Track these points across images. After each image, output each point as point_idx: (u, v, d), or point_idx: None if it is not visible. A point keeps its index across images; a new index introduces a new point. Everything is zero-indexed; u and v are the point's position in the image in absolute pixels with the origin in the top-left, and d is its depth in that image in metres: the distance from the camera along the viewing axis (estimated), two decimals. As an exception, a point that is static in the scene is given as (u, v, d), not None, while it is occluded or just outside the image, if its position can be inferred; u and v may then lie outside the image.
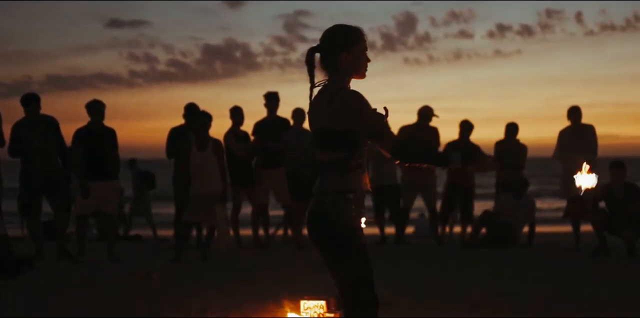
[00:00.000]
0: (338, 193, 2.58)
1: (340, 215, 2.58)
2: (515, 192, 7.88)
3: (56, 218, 6.84)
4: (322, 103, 2.59)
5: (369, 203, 13.39)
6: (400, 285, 5.30)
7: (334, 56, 2.60)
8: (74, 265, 6.32)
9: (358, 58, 2.64)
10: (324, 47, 2.62)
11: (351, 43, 2.62)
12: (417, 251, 7.55)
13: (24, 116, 6.65)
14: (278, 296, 4.51)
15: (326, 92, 2.60)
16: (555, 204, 24.37)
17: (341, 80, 2.63)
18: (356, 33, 2.65)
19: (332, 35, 2.63)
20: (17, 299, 4.75)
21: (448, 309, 4.45)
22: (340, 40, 2.61)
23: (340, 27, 2.65)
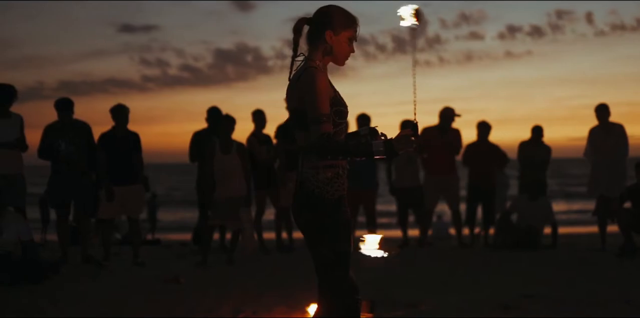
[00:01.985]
0: (318, 168, 2.55)
1: (322, 190, 2.55)
2: (531, 194, 7.80)
3: (81, 223, 6.86)
4: (294, 82, 2.58)
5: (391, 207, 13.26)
6: (426, 287, 5.27)
7: (319, 32, 2.57)
8: (98, 269, 6.33)
9: (342, 42, 2.60)
10: (315, 21, 2.60)
11: (341, 25, 2.59)
12: (441, 253, 7.50)
13: (56, 120, 6.69)
14: (305, 299, 4.49)
15: (299, 70, 2.58)
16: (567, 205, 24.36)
17: (318, 59, 2.59)
18: (350, 18, 2.61)
19: (326, 11, 2.60)
20: (43, 304, 4.76)
21: (478, 311, 4.41)
22: (332, 19, 2.58)
23: (337, 7, 2.62)
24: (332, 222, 2.56)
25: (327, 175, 2.55)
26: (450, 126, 7.97)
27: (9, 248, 5.77)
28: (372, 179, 7.98)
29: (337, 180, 2.58)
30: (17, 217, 6.10)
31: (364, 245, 2.74)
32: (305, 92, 2.50)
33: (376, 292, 4.80)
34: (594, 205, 7.71)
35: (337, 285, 2.59)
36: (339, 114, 2.57)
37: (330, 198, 2.55)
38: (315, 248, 2.58)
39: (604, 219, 7.57)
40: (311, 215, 2.56)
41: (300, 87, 2.52)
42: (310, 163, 2.55)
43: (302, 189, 2.58)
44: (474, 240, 8.13)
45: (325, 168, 2.55)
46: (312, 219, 2.57)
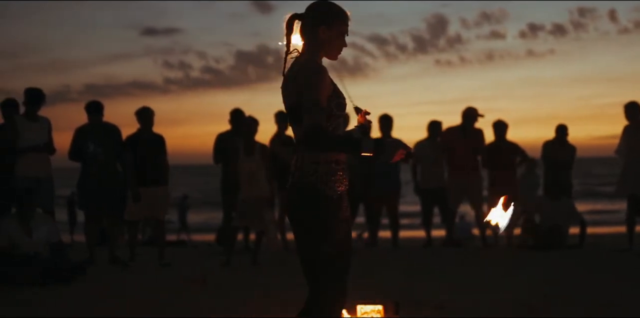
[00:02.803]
0: (319, 164, 2.52)
1: (324, 185, 2.52)
2: (553, 194, 7.73)
3: (109, 224, 6.95)
4: (291, 77, 2.57)
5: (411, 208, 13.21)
6: (451, 287, 5.26)
7: (313, 27, 2.59)
8: (123, 270, 6.41)
9: (335, 37, 2.61)
10: (307, 16, 2.61)
11: (334, 19, 2.60)
12: (465, 253, 7.47)
13: (87, 122, 6.77)
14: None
15: (296, 65, 2.59)
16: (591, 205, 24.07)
17: (313, 53, 2.60)
18: (342, 13, 2.63)
19: (319, 6, 2.62)
20: (69, 305, 4.83)
21: (503, 312, 4.39)
22: (325, 14, 2.60)
23: (329, 2, 2.64)
24: (333, 219, 2.54)
25: (328, 170, 2.53)
26: (473, 126, 7.94)
27: (38, 249, 5.87)
28: (396, 180, 7.98)
29: (338, 176, 2.56)
30: (46, 219, 6.21)
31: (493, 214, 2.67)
32: (302, 85, 2.50)
33: (401, 293, 4.81)
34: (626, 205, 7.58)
35: (332, 282, 2.54)
36: (339, 106, 2.57)
37: (331, 195, 2.53)
38: (312, 246, 2.53)
39: (632, 219, 7.48)
40: (311, 211, 2.52)
41: (298, 81, 2.51)
42: (311, 159, 2.52)
43: (301, 184, 2.53)
44: (498, 240, 8.09)
45: (326, 164, 2.53)
46: (312, 216, 2.52)
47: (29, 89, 6.74)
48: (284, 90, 2.62)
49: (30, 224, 5.97)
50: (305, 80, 2.50)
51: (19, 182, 6.42)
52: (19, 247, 5.84)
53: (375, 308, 4.11)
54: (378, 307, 4.12)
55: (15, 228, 5.91)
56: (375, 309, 4.12)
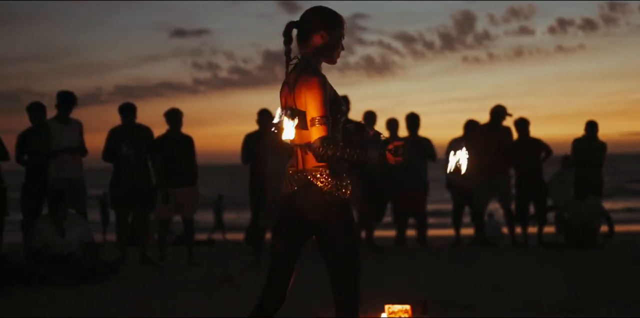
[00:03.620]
0: (319, 167, 2.56)
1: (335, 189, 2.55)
2: (579, 192, 7.64)
3: (139, 225, 7.06)
4: (291, 83, 2.60)
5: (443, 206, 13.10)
6: (480, 287, 5.24)
7: (312, 34, 2.62)
8: (153, 270, 6.50)
9: (334, 42, 2.65)
10: (305, 24, 2.63)
11: (332, 25, 2.64)
12: (494, 252, 7.42)
13: (120, 124, 6.89)
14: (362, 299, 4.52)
15: (296, 72, 2.61)
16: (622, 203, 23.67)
17: (313, 59, 2.63)
18: (338, 17, 2.67)
19: (315, 13, 2.64)
20: (101, 304, 4.92)
21: (533, 312, 4.35)
22: (322, 20, 2.63)
23: (324, 8, 2.67)
24: (345, 221, 2.58)
25: (334, 174, 2.56)
26: (501, 124, 7.89)
27: (71, 249, 5.99)
28: (423, 179, 7.96)
29: (346, 179, 2.60)
30: (79, 219, 6.33)
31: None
32: (306, 94, 2.53)
33: (429, 293, 4.80)
34: None
35: (353, 283, 2.61)
36: (339, 112, 2.63)
37: (341, 198, 2.57)
38: (327, 248, 2.59)
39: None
40: (323, 214, 2.56)
41: (301, 90, 2.55)
42: (317, 163, 2.55)
43: (311, 188, 2.56)
44: (524, 238, 8.03)
45: (331, 168, 2.57)
46: (324, 219, 2.56)
47: (61, 92, 6.87)
48: (285, 95, 2.65)
49: (63, 225, 6.09)
50: (308, 91, 2.54)
51: (51, 184, 6.55)
52: (52, 247, 5.96)
53: (403, 308, 4.12)
54: (406, 306, 4.13)
55: (48, 229, 6.04)
56: (403, 309, 4.12)
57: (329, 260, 2.61)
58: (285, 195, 2.65)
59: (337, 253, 2.58)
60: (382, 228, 9.68)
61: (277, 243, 2.69)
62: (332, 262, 2.60)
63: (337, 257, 2.58)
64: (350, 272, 2.60)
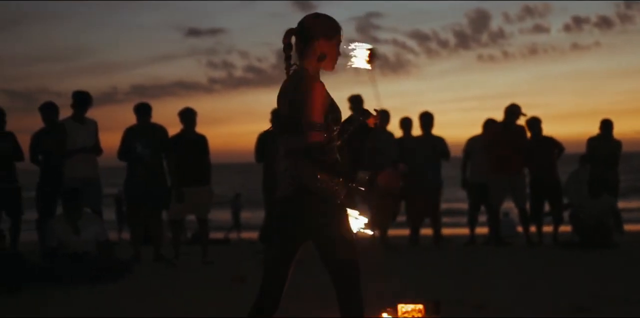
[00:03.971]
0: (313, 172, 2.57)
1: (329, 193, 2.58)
2: (592, 191, 7.57)
3: (153, 224, 7.10)
4: (289, 89, 2.62)
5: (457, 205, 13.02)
6: (494, 286, 5.22)
7: (311, 41, 2.64)
8: (167, 268, 6.54)
9: (333, 48, 2.68)
10: (305, 31, 2.66)
11: (332, 32, 2.67)
12: (508, 251, 7.38)
13: (135, 123, 6.92)
14: (370, 298, 4.51)
15: (295, 78, 2.63)
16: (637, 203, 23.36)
17: (311, 67, 2.66)
18: (336, 24, 2.70)
19: (316, 21, 2.67)
20: (116, 302, 4.95)
21: (548, 312, 4.33)
22: (323, 28, 2.66)
23: (323, 15, 2.70)
24: (341, 225, 2.62)
25: (329, 181, 2.58)
26: (515, 123, 7.85)
27: (87, 248, 6.04)
28: (437, 178, 7.94)
29: (340, 183, 2.60)
30: (94, 218, 6.38)
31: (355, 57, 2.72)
32: (302, 101, 2.55)
33: (443, 292, 4.79)
34: None
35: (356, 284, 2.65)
36: (335, 120, 2.64)
37: (335, 203, 2.60)
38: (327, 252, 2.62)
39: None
40: (318, 219, 2.59)
41: (297, 96, 2.57)
42: (311, 169, 2.57)
43: (305, 193, 2.58)
44: (538, 237, 7.97)
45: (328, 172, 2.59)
46: (320, 223, 2.59)
47: (77, 92, 6.93)
48: (281, 101, 2.67)
49: (78, 224, 6.14)
50: (305, 97, 2.56)
51: (67, 183, 6.61)
52: (67, 246, 6.01)
53: (416, 307, 4.11)
54: (419, 306, 4.12)
55: (63, 228, 6.09)
56: (417, 308, 4.12)
57: (330, 263, 2.63)
58: (279, 200, 2.67)
59: (337, 257, 2.61)
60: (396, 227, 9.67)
61: (273, 248, 2.72)
62: (333, 265, 2.63)
63: (338, 261, 2.61)
64: (351, 273, 2.63)
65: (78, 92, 6.92)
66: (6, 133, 6.83)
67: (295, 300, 2.76)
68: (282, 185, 2.66)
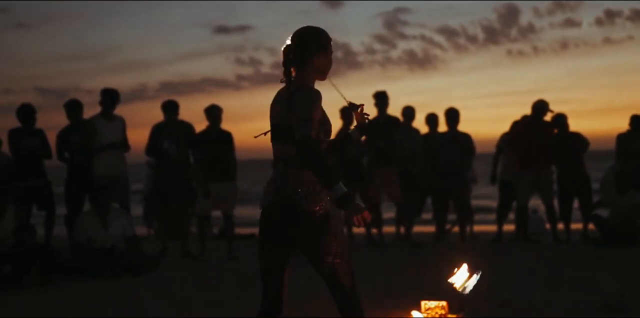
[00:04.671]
0: (302, 183, 2.62)
1: (311, 205, 2.61)
2: (621, 188, 7.43)
3: (180, 220, 7.18)
4: (284, 98, 2.67)
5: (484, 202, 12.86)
6: (520, 284, 5.18)
7: (309, 55, 2.70)
8: (193, 263, 6.61)
9: (328, 59, 2.76)
10: (302, 47, 2.71)
11: (325, 44, 2.75)
12: (535, 249, 7.31)
13: (163, 120, 7.00)
14: (395, 296, 4.52)
15: (290, 88, 2.68)
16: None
17: (309, 79, 2.72)
18: (327, 36, 2.77)
19: (309, 35, 2.74)
20: (141, 297, 5.02)
21: (575, 311, 4.28)
22: (318, 41, 2.73)
23: (315, 28, 2.76)
24: (329, 233, 2.65)
25: (313, 189, 2.63)
26: (542, 119, 7.76)
27: (114, 243, 6.14)
28: (464, 174, 7.90)
29: (322, 195, 2.64)
30: (121, 213, 6.48)
31: None
32: (300, 106, 2.59)
33: (466, 289, 4.77)
34: None
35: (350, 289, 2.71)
36: (325, 132, 2.68)
37: (318, 212, 2.63)
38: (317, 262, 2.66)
39: None
40: (305, 229, 2.63)
41: (295, 104, 2.60)
42: (295, 178, 2.62)
43: (287, 204, 2.63)
44: (570, 235, 7.87)
45: (310, 183, 2.62)
46: (307, 233, 2.63)
47: (105, 89, 7.03)
48: (276, 108, 2.72)
49: (106, 219, 6.24)
50: (304, 101, 2.61)
51: (95, 179, 6.71)
52: (95, 241, 6.12)
53: (439, 304, 4.10)
54: (442, 302, 4.11)
55: (91, 223, 6.20)
56: (440, 305, 4.11)
57: (322, 272, 2.69)
58: (265, 209, 2.72)
59: (327, 266, 2.66)
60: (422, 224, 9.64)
61: (263, 255, 2.77)
62: (325, 273, 2.69)
63: (328, 269, 2.66)
64: (345, 280, 2.68)
65: (106, 89, 7.02)
66: (36, 130, 6.96)
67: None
68: (266, 194, 2.71)
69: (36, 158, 6.83)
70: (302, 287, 4.36)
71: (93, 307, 4.72)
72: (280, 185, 2.66)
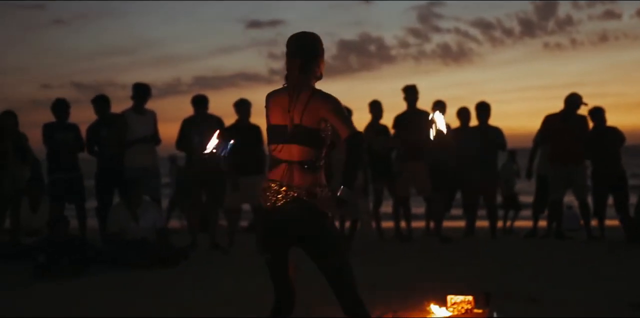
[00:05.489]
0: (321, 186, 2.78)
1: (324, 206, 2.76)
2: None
3: (209, 212, 7.26)
4: (302, 101, 2.77)
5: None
6: (549, 280, 5.11)
7: (315, 62, 2.83)
8: (222, 256, 6.67)
9: (323, 64, 2.91)
10: (308, 54, 2.82)
11: (323, 50, 2.89)
12: (567, 245, 7.20)
13: (192, 114, 7.07)
14: (422, 290, 4.50)
15: (299, 92, 2.78)
16: None
17: (312, 82, 2.85)
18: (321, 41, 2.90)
19: (313, 43, 2.85)
20: (171, 288, 5.09)
21: (603, 309, 4.21)
22: (320, 47, 2.86)
23: (314, 35, 2.87)
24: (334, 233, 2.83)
25: (323, 191, 2.78)
26: (576, 113, 7.62)
27: (145, 235, 6.24)
28: (493, 169, 7.82)
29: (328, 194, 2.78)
30: (152, 206, 6.57)
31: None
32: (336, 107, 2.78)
33: (493, 285, 4.73)
34: None
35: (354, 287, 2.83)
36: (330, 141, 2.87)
37: (328, 212, 2.79)
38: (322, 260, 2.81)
39: None
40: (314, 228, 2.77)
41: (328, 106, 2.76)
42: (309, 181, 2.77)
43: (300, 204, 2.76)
44: (604, 232, 7.73)
45: (321, 186, 2.80)
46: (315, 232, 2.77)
47: (137, 84, 7.12)
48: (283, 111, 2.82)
49: (137, 211, 6.34)
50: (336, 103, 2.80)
51: (127, 172, 6.82)
52: (127, 232, 6.23)
53: (465, 299, 4.08)
54: (469, 297, 4.09)
55: (123, 215, 6.31)
56: (466, 300, 4.09)
57: (329, 267, 2.80)
58: (269, 210, 2.82)
59: (335, 261, 2.79)
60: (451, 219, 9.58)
61: (268, 254, 2.91)
62: (333, 268, 2.79)
63: (336, 264, 2.80)
64: (349, 277, 2.82)
65: (138, 84, 7.10)
66: (69, 124, 7.09)
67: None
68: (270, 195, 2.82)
69: (69, 151, 6.96)
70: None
71: (124, 296, 4.81)
72: (290, 187, 2.77)
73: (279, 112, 2.83)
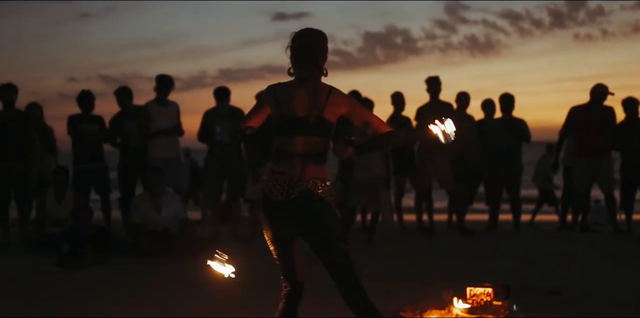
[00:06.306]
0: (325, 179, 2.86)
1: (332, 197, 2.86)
2: None
3: (232, 203, 7.30)
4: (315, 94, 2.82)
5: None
6: (572, 273, 5.06)
7: (323, 57, 2.88)
8: (244, 247, 6.70)
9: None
10: (320, 51, 2.87)
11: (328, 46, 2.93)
12: (593, 239, 7.10)
13: (214, 106, 7.11)
14: (442, 282, 4.48)
15: (311, 86, 2.84)
16: None
17: (320, 77, 2.89)
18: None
19: (321, 40, 2.88)
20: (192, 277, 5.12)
21: (626, 304, 4.16)
22: (326, 44, 2.90)
23: (319, 31, 2.89)
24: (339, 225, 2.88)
25: (329, 183, 2.88)
26: (602, 104, 7.50)
27: (168, 225, 6.30)
28: (517, 162, 7.73)
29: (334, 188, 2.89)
30: (175, 197, 6.63)
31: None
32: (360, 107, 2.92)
33: (514, 277, 4.69)
34: None
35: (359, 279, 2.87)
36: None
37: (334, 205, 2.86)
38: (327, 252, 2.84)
39: None
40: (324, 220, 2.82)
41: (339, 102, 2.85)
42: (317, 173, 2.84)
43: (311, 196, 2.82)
44: (631, 225, 7.61)
45: (327, 178, 2.88)
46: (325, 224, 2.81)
47: (160, 75, 7.17)
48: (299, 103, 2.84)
49: (160, 202, 6.40)
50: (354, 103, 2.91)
51: (149, 163, 6.88)
52: (149, 223, 6.29)
53: (485, 291, 4.06)
54: (488, 289, 4.06)
55: (146, 205, 6.37)
56: (485, 292, 4.06)
57: (333, 257, 2.82)
58: (278, 202, 2.85)
59: (339, 251, 2.82)
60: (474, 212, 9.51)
61: (276, 246, 2.95)
62: (337, 258, 2.82)
63: (340, 253, 2.82)
64: (353, 269, 2.84)
65: (160, 75, 7.16)
66: (94, 116, 7.17)
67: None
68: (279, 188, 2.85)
69: (94, 143, 7.04)
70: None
71: (147, 286, 4.87)
72: (301, 180, 2.82)
73: (296, 104, 2.85)
